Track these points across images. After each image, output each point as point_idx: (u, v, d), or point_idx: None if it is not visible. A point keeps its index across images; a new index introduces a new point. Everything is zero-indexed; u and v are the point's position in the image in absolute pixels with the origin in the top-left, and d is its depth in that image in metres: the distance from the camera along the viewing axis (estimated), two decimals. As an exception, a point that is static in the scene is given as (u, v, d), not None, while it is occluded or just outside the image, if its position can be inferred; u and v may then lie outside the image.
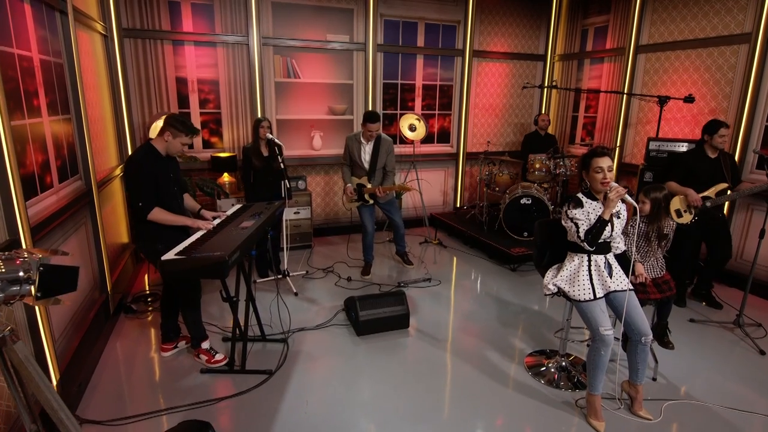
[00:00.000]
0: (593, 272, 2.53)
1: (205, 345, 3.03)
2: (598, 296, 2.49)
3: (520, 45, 6.30)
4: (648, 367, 2.96)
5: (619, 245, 2.66)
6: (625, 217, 2.60)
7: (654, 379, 2.94)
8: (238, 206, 3.40)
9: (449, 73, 6.06)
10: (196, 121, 5.06)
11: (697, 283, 4.02)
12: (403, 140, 5.84)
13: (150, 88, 4.76)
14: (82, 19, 3.75)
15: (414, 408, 2.64)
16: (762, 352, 3.27)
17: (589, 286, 2.51)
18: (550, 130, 6.47)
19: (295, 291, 4.12)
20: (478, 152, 6.00)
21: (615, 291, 2.52)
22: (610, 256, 2.59)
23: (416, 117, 5.59)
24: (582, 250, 2.54)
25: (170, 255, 2.32)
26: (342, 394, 2.75)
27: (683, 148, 4.33)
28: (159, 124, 4.38)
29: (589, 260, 2.55)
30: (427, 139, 6.17)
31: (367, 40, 5.45)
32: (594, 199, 2.54)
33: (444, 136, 6.28)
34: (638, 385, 2.61)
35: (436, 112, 6.16)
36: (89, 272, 3.50)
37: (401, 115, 5.77)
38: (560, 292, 2.61)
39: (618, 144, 5.46)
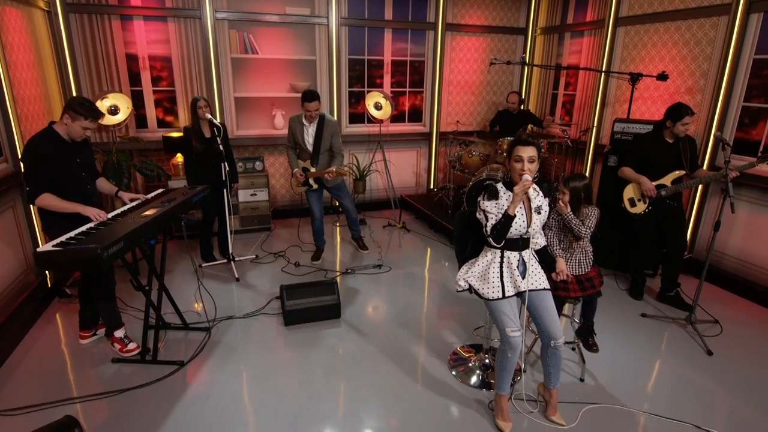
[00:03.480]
0: (505, 270, 2.34)
1: (118, 334, 2.96)
2: (507, 295, 2.31)
3: (498, 17, 5.93)
4: (579, 365, 2.82)
5: (539, 241, 2.47)
6: (547, 212, 2.39)
7: (581, 380, 2.77)
8: (160, 190, 3.28)
9: (421, 48, 5.75)
10: (149, 99, 4.92)
11: (662, 286, 3.72)
12: (371, 119, 5.61)
13: (99, 66, 4.61)
14: (11, -6, 3.61)
15: (316, 406, 2.53)
16: (709, 353, 3.06)
17: (499, 284, 2.32)
18: (531, 109, 6.17)
19: (236, 276, 4.02)
20: (451, 132, 5.74)
21: (529, 290, 2.34)
22: (527, 253, 2.39)
23: (382, 95, 5.35)
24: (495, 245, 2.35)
25: (47, 246, 2.22)
26: (247, 389, 2.66)
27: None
28: (100, 103, 4.27)
29: (502, 257, 2.36)
30: (398, 118, 5.93)
31: (330, 13, 5.18)
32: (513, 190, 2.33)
33: (416, 115, 6.02)
34: (552, 389, 2.45)
35: (407, 89, 5.88)
36: (20, 255, 3.46)
37: (368, 92, 5.53)
38: (471, 289, 2.44)
39: (594, 124, 5.14)
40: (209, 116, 3.87)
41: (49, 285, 3.68)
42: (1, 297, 3.13)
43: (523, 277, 2.33)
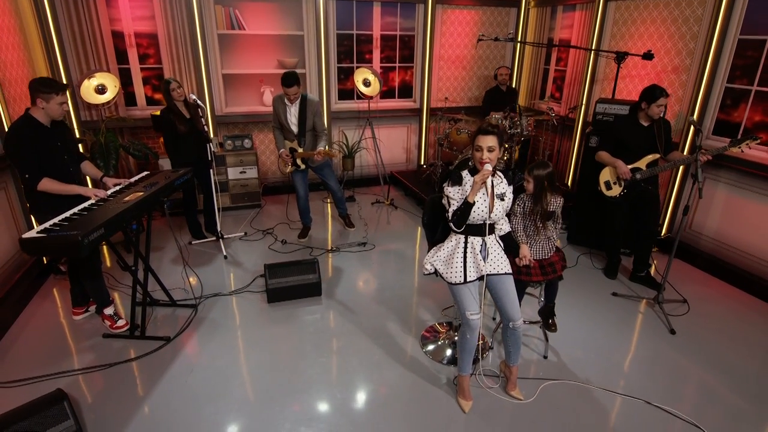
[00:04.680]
0: (468, 255, 2.45)
1: (108, 311, 3.12)
2: (468, 280, 2.42)
3: (491, -11, 5.81)
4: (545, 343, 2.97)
5: (503, 226, 2.56)
6: (511, 199, 2.47)
7: (545, 357, 2.92)
8: (144, 173, 3.37)
9: (410, 22, 5.67)
10: (137, 77, 4.95)
11: (634, 266, 3.81)
12: (360, 96, 5.61)
13: (86, 44, 4.61)
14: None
15: (293, 380, 2.70)
16: (672, 332, 3.18)
17: (461, 268, 2.43)
18: (522, 85, 6.12)
19: (225, 254, 4.16)
20: (441, 108, 5.73)
21: (490, 274, 2.45)
22: (491, 238, 2.48)
23: (371, 71, 5.33)
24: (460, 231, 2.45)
25: (32, 233, 2.34)
26: (230, 363, 2.83)
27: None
28: (88, 83, 4.31)
29: (466, 242, 2.45)
30: (388, 94, 5.92)
31: (317, -14, 5.10)
32: None
33: (406, 91, 6.00)
34: (512, 366, 2.60)
35: (397, 64, 5.84)
36: (14, 235, 3.58)
37: (357, 68, 5.50)
38: (437, 273, 2.55)
39: (583, 101, 5.12)
40: (193, 96, 3.90)
41: (45, 262, 3.84)
42: (-5, 276, 3.29)
43: (485, 262, 2.44)
